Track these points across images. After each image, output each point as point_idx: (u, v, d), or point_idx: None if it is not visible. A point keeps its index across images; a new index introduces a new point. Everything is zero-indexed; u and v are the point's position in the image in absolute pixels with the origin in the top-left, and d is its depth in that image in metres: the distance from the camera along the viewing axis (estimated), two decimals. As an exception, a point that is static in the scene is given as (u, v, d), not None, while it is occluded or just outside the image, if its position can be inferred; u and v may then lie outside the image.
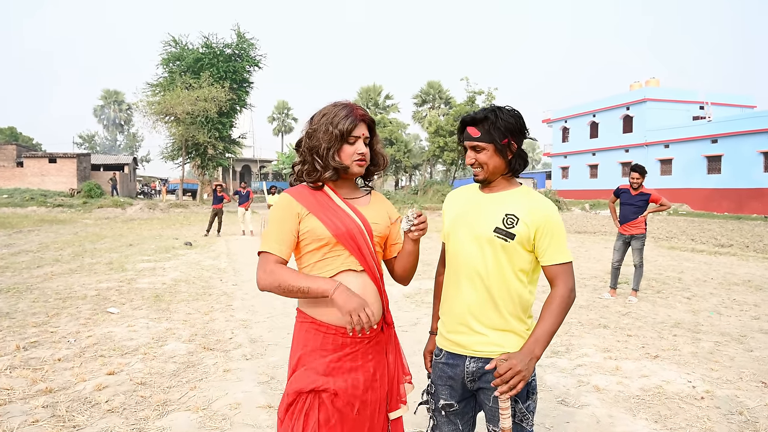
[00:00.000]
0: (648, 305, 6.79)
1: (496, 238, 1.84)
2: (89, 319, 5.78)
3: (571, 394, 3.82)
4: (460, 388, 1.94)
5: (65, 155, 35.83)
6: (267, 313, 6.16)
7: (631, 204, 7.11)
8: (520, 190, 1.93)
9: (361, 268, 1.86)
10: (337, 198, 1.90)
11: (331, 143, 1.84)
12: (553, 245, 1.84)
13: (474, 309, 1.89)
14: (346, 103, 1.91)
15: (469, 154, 1.91)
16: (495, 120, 1.85)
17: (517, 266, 1.86)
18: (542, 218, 1.84)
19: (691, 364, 4.44)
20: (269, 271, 1.77)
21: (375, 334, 1.92)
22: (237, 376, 4.08)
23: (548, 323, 1.82)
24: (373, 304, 1.88)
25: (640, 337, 5.29)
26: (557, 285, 1.85)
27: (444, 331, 1.99)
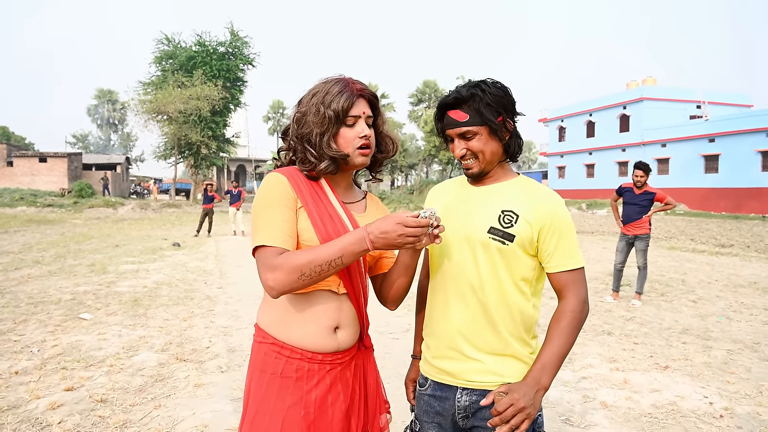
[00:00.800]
0: (653, 309, 6.45)
1: (491, 240, 1.48)
2: (59, 326, 5.40)
3: (576, 412, 3.46)
4: (449, 425, 1.57)
5: (56, 154, 35.34)
6: (250, 319, 5.79)
7: (635, 203, 6.77)
8: (519, 181, 1.57)
9: (344, 291, 1.52)
10: (335, 199, 1.55)
11: (325, 127, 1.49)
12: (561, 247, 1.48)
13: (465, 329, 1.52)
14: (339, 78, 1.55)
15: (458, 144, 1.52)
16: (483, 96, 1.47)
17: (518, 275, 1.49)
18: (548, 214, 1.47)
19: (704, 377, 4.09)
20: (277, 265, 1.34)
21: (351, 356, 1.58)
22: (208, 391, 3.71)
23: (557, 345, 1.46)
24: (350, 325, 1.55)
25: (647, 344, 4.95)
26: (567, 297, 1.49)
27: (429, 356, 1.62)
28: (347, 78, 1.56)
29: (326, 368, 1.52)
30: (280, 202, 1.44)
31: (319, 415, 1.51)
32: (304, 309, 1.50)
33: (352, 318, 1.56)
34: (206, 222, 16.32)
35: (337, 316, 1.52)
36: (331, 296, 1.52)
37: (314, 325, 1.50)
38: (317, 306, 1.50)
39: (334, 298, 1.52)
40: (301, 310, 1.50)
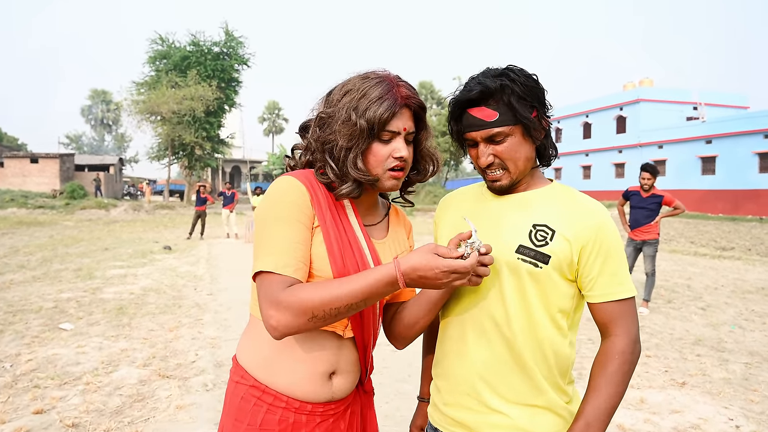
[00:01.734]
0: (661, 318, 6.18)
1: (520, 262, 1.19)
2: (36, 337, 5.08)
3: (592, 437, 3.18)
4: None
5: (48, 155, 34.88)
6: (240, 329, 5.48)
7: (643, 207, 6.50)
8: (554, 189, 1.28)
9: (350, 335, 1.26)
10: (356, 221, 1.27)
11: (354, 142, 1.19)
12: (608, 271, 1.19)
13: (487, 373, 1.23)
14: (383, 75, 1.23)
15: (483, 151, 1.22)
16: (513, 86, 1.17)
17: (554, 305, 1.21)
18: (591, 229, 1.19)
19: (726, 395, 3.82)
20: (284, 302, 1.07)
21: (347, 403, 1.33)
22: (190, 414, 3.40)
23: (605, 397, 1.17)
24: (349, 372, 1.29)
25: (660, 357, 4.67)
26: (615, 334, 1.20)
27: (440, 402, 1.33)
28: (393, 77, 1.23)
29: (316, 420, 1.26)
30: (294, 216, 1.16)
31: None
32: (297, 349, 1.23)
33: (352, 363, 1.30)
34: (199, 224, 15.99)
35: (335, 361, 1.26)
36: (333, 338, 1.25)
37: (306, 370, 1.24)
38: (313, 348, 1.24)
39: (335, 339, 1.26)
40: (293, 349, 1.23)
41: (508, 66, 1.23)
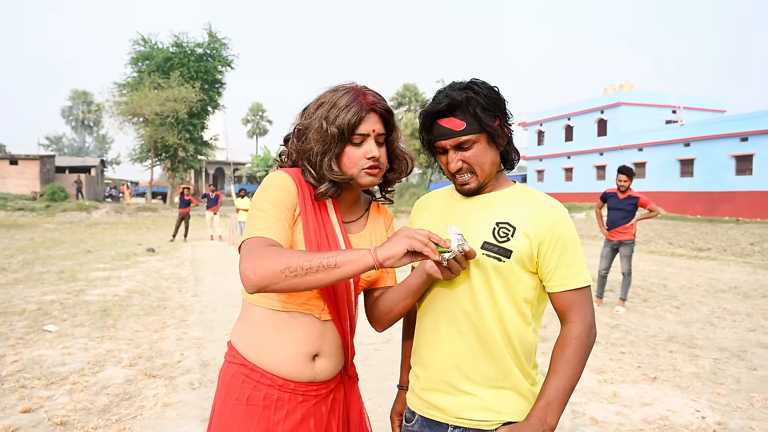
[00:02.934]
0: (637, 316, 6.37)
1: (485, 257, 1.31)
2: (21, 339, 5.10)
3: (565, 429, 3.32)
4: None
5: (27, 157, 34.44)
6: (225, 330, 5.56)
7: (620, 208, 6.69)
8: (515, 189, 1.40)
9: (327, 318, 1.39)
10: (335, 217, 1.41)
11: (327, 146, 1.32)
12: (564, 263, 1.31)
13: (458, 359, 1.35)
14: (350, 87, 1.38)
15: (452, 157, 1.34)
16: (478, 98, 1.30)
17: (518, 296, 1.32)
18: (549, 226, 1.31)
19: (694, 388, 3.98)
20: (264, 254, 1.17)
21: (332, 388, 1.45)
22: (177, 411, 3.48)
23: (563, 378, 1.29)
24: (332, 355, 1.41)
25: (634, 354, 4.84)
26: (572, 320, 1.32)
27: (418, 388, 1.44)
28: (359, 87, 1.38)
29: (298, 399, 1.37)
30: (282, 203, 1.31)
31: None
32: (283, 331, 1.36)
33: (335, 347, 1.42)
34: (182, 226, 15.96)
35: (318, 343, 1.39)
36: (316, 322, 1.38)
37: (291, 350, 1.36)
38: (298, 330, 1.36)
39: (316, 324, 1.38)
40: (279, 332, 1.36)
41: (472, 80, 1.36)
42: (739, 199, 30.33)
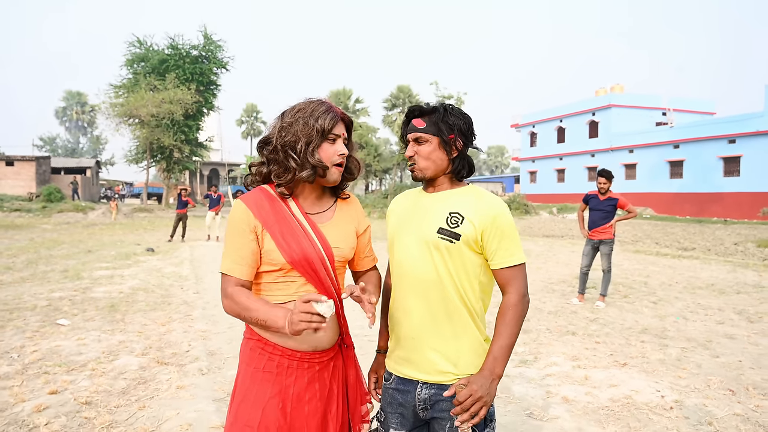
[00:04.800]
0: (615, 311, 6.78)
1: (440, 239, 1.68)
2: (36, 331, 5.45)
3: (539, 406, 3.70)
4: (411, 416, 1.77)
5: (24, 158, 34.57)
6: (228, 324, 5.91)
7: (600, 209, 7.10)
8: (468, 189, 1.78)
9: None
10: (299, 212, 1.71)
11: (312, 138, 1.64)
12: (503, 246, 1.68)
13: (424, 328, 1.72)
14: (323, 100, 1.72)
15: (410, 147, 1.76)
16: (444, 113, 1.72)
17: (469, 271, 1.69)
18: (490, 217, 1.68)
19: (659, 372, 4.38)
20: (228, 295, 1.62)
21: (331, 356, 1.76)
22: (191, 393, 3.85)
23: (505, 337, 1.66)
24: (328, 329, 1.72)
25: (608, 344, 5.24)
26: (509, 292, 1.69)
27: (393, 352, 1.82)
28: (329, 101, 1.73)
29: (304, 366, 1.69)
30: (240, 231, 1.65)
31: (296, 408, 1.68)
32: None
33: (331, 320, 1.72)
34: (180, 227, 16.27)
35: None
36: None
37: None
38: None
39: None
40: None
41: (450, 104, 1.76)
42: (727, 200, 30.91)
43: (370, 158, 48.84)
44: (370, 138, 51.11)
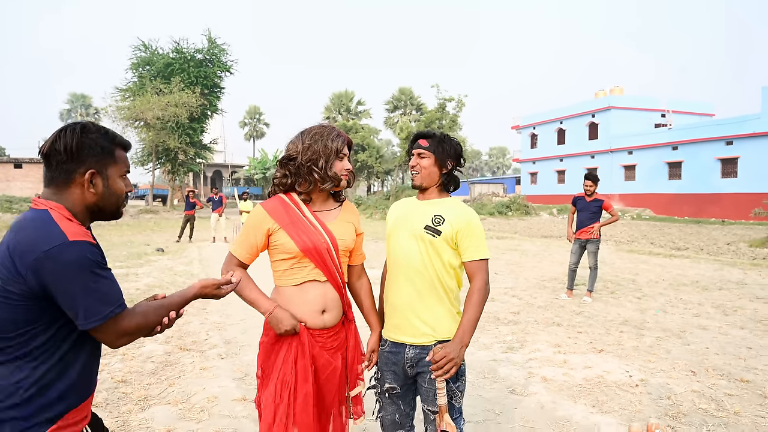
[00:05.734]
0: (601, 305, 7.25)
1: (425, 233, 2.19)
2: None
3: (520, 384, 4.19)
4: (401, 373, 2.26)
5: (32, 160, 35.23)
6: (240, 317, 6.41)
7: (587, 210, 7.58)
8: (450, 200, 2.31)
9: (325, 279, 2.12)
10: (309, 213, 2.13)
11: (329, 157, 2.09)
12: (472, 244, 2.19)
13: (412, 299, 2.21)
14: (332, 126, 2.19)
15: (414, 159, 2.28)
16: (443, 140, 2.26)
17: (446, 260, 2.20)
18: (464, 221, 2.19)
19: (631, 357, 4.87)
20: (225, 270, 2.07)
21: (337, 331, 2.20)
22: (213, 373, 4.35)
23: (471, 314, 2.15)
24: (333, 308, 2.16)
25: (589, 333, 5.72)
26: (475, 279, 2.20)
27: (387, 321, 2.32)
28: (341, 130, 2.20)
29: (315, 339, 2.13)
30: (255, 227, 2.10)
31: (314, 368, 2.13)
32: (299, 296, 2.11)
33: (335, 301, 2.17)
34: (188, 228, 16.78)
35: (323, 302, 2.13)
36: (317, 285, 2.12)
37: (306, 308, 2.11)
38: (309, 294, 2.11)
39: (319, 286, 2.12)
40: (297, 296, 2.11)
41: (447, 134, 2.28)
42: (725, 201, 31.32)
43: (372, 160, 49.28)
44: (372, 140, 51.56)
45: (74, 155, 1.46)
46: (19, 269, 1.31)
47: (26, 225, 1.38)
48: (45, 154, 1.47)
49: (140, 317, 1.48)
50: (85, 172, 1.48)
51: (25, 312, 1.34)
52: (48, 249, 1.31)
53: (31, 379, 1.35)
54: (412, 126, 43.83)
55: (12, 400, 1.33)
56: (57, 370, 1.39)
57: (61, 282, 1.33)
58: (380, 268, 2.47)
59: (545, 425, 3.47)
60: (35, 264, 1.31)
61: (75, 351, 1.43)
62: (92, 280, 1.37)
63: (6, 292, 1.32)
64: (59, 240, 1.33)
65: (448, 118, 40.28)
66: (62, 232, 1.35)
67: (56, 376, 1.39)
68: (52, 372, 1.38)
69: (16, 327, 1.34)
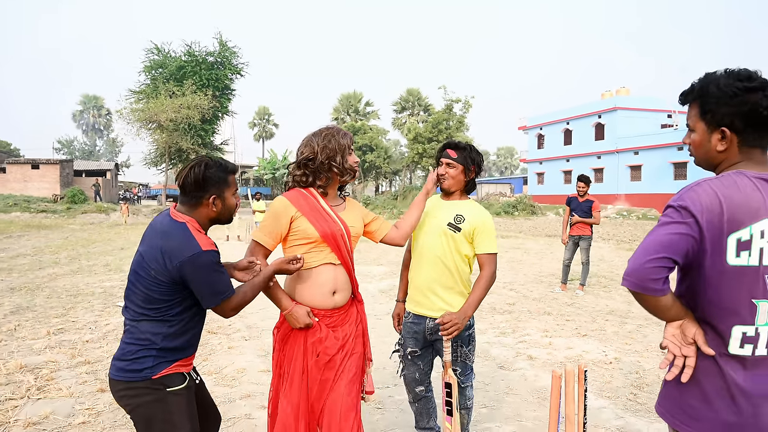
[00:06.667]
0: (592, 297, 7.80)
1: (448, 229, 2.74)
2: (102, 311, 6.59)
3: (509, 362, 4.77)
4: (422, 339, 2.83)
5: (48, 161, 36.14)
6: (259, 306, 7.00)
7: (579, 210, 8.13)
8: (469, 202, 2.86)
9: (339, 262, 2.34)
10: (325, 204, 2.33)
11: (343, 152, 2.34)
12: (485, 240, 2.74)
13: (432, 280, 2.76)
14: (337, 126, 2.45)
15: (443, 168, 2.78)
16: (469, 151, 2.78)
17: (463, 251, 2.74)
18: (480, 220, 2.74)
19: (610, 341, 5.43)
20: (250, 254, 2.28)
21: (347, 308, 2.43)
22: (239, 351, 4.96)
23: (476, 294, 2.69)
24: (344, 289, 2.39)
25: (576, 321, 6.29)
26: (484, 268, 2.74)
27: (410, 296, 2.88)
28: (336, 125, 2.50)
29: (326, 320, 2.35)
30: (278, 215, 2.28)
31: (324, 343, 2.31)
32: (311, 278, 2.32)
33: (345, 283, 2.39)
34: (203, 227, 17.40)
35: (334, 283, 2.34)
36: (330, 267, 2.33)
37: (318, 290, 2.32)
38: (320, 276, 2.32)
39: (332, 268, 2.33)
40: (309, 279, 2.32)
41: (472, 145, 2.82)
42: (729, 201, 31.58)
43: (380, 160, 49.85)
44: (380, 140, 52.12)
45: (201, 185, 2.05)
46: (167, 266, 1.93)
47: (172, 234, 1.98)
48: (181, 185, 2.07)
49: (241, 297, 2.09)
50: (209, 197, 2.07)
51: (168, 293, 1.97)
52: (190, 255, 1.92)
53: (166, 333, 1.99)
54: (420, 127, 44.39)
55: (154, 345, 1.98)
56: (181, 329, 2.03)
57: (195, 277, 1.95)
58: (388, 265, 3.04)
59: (526, 392, 4.05)
60: (180, 264, 1.92)
61: (192, 319, 2.08)
62: (213, 277, 1.98)
63: (157, 279, 1.94)
64: (196, 249, 1.94)
65: (455, 119, 40.82)
66: (198, 244, 1.95)
67: (180, 333, 2.03)
68: (178, 330, 2.02)
69: (159, 301, 1.97)
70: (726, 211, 1.40)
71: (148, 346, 1.96)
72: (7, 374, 4.28)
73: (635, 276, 1.47)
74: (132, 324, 2.00)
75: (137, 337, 1.97)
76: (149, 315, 1.97)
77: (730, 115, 1.49)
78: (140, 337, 1.97)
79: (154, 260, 1.95)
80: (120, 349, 2.01)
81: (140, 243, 2.06)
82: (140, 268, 1.98)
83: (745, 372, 1.44)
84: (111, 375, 2.02)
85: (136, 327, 1.98)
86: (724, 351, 1.46)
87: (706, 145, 1.57)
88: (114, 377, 2.00)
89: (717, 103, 1.50)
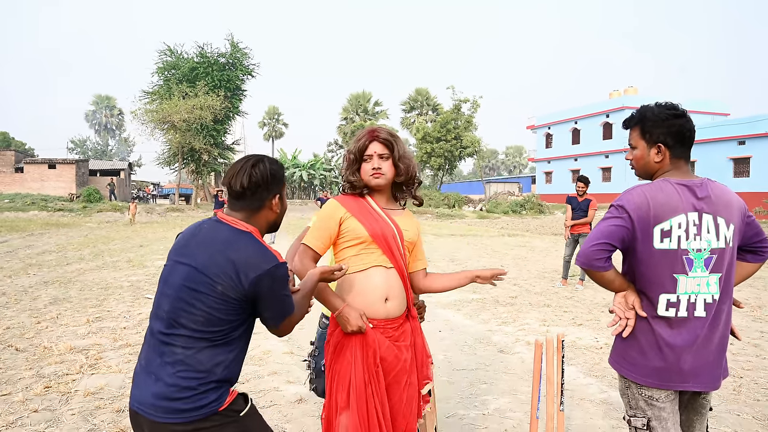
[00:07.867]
0: (591, 292, 8.24)
1: None
2: (133, 302, 7.12)
3: (508, 347, 5.24)
4: None
5: (65, 161, 37.04)
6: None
7: (579, 209, 8.58)
8: None
9: (391, 266, 2.12)
10: (376, 205, 2.18)
11: (349, 163, 2.20)
12: None
13: None
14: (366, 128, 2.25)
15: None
16: None
17: None
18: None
19: (603, 330, 5.88)
20: (305, 264, 2.08)
21: (401, 323, 2.18)
22: (264, 336, 5.44)
23: None
24: (397, 297, 2.14)
25: (573, 312, 6.74)
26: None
27: None
28: (372, 127, 2.24)
29: (379, 331, 2.08)
30: (328, 218, 2.13)
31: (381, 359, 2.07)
32: (362, 283, 2.10)
33: (399, 290, 2.13)
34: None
35: (386, 288, 2.10)
36: (382, 271, 2.10)
37: (370, 296, 2.09)
38: (372, 280, 2.09)
39: (384, 272, 2.10)
40: (362, 282, 2.10)
41: None
42: (736, 200, 31.80)
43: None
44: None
45: (267, 185, 1.78)
46: (242, 281, 1.64)
47: (242, 244, 1.70)
48: (240, 189, 1.76)
49: (300, 312, 1.87)
50: (273, 197, 1.81)
51: (234, 311, 1.67)
52: (269, 268, 1.66)
53: (227, 360, 1.69)
54: (428, 126, 44.82)
55: (214, 376, 1.65)
56: (239, 353, 1.76)
57: (271, 292, 1.69)
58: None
59: (522, 372, 4.52)
60: (257, 278, 1.64)
61: (246, 339, 1.81)
62: (286, 291, 1.75)
63: (225, 296, 1.65)
64: (275, 261, 1.69)
65: (463, 118, 41.23)
66: (274, 255, 1.70)
67: (238, 357, 1.75)
68: (237, 354, 1.75)
69: (223, 322, 1.66)
70: (652, 208, 1.87)
71: (208, 379, 1.64)
72: (60, 354, 4.81)
73: (584, 257, 1.93)
74: (187, 354, 1.64)
75: (196, 369, 1.63)
76: (210, 339, 1.65)
77: (663, 134, 1.97)
78: (199, 369, 1.63)
79: (222, 274, 1.65)
80: (165, 384, 1.63)
81: (177, 254, 1.76)
82: (199, 285, 1.65)
83: (671, 330, 1.90)
84: (158, 419, 1.62)
85: (194, 357, 1.64)
86: (654, 314, 1.92)
87: (646, 158, 2.04)
88: (166, 420, 1.61)
89: (653, 126, 1.99)
